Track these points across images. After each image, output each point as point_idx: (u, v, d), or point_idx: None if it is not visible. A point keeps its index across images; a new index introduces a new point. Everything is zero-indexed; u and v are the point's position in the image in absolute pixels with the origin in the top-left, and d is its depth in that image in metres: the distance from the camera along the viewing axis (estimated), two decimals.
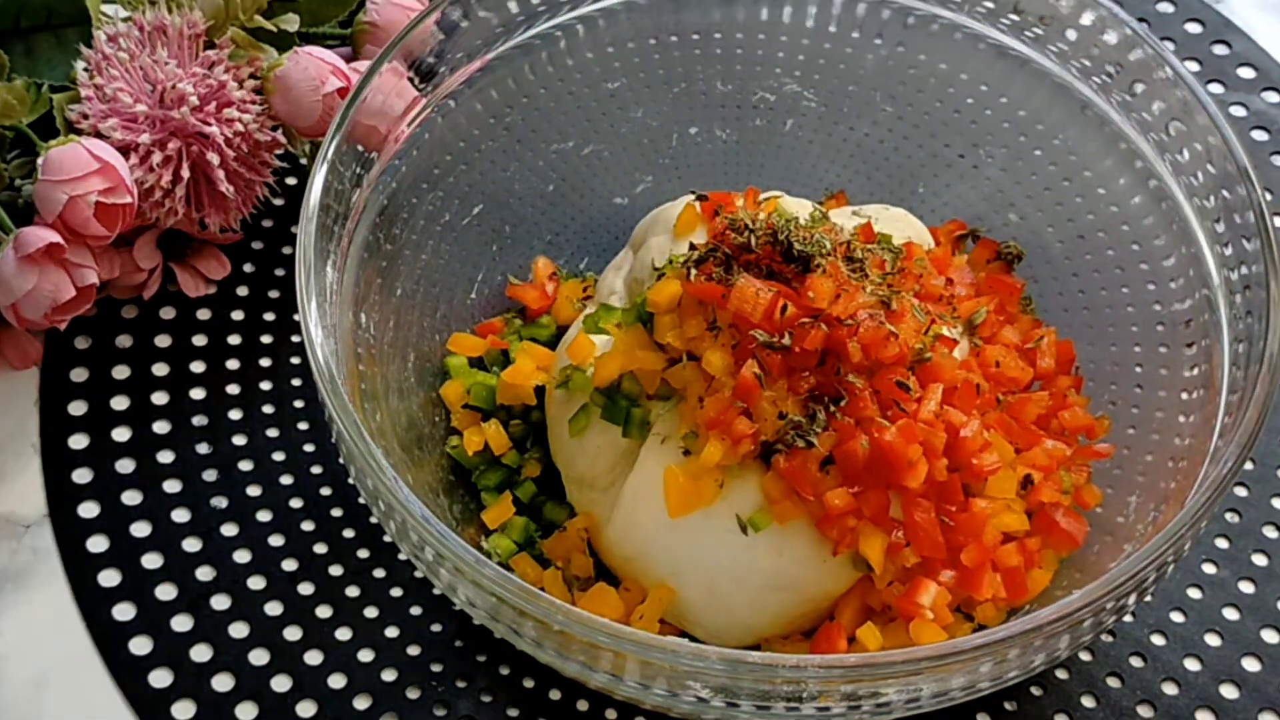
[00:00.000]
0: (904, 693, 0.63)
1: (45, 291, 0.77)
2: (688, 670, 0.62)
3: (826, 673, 0.62)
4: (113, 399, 0.81)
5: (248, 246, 0.87)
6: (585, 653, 0.63)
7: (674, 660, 0.62)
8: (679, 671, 0.62)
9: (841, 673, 0.62)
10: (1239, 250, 0.73)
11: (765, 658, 0.63)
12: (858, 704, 0.63)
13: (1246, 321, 0.71)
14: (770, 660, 0.62)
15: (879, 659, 0.62)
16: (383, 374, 0.76)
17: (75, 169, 0.76)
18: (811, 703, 0.63)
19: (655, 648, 0.62)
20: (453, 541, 0.64)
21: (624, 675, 0.64)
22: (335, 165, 0.73)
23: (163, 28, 0.80)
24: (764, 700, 0.63)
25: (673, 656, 0.62)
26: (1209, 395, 0.72)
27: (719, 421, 0.70)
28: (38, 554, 0.77)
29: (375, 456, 0.66)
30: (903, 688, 0.63)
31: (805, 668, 0.62)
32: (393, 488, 0.65)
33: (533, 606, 0.63)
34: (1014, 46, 0.82)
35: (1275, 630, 0.77)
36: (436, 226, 0.81)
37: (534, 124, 0.84)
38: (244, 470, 0.79)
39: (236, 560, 0.76)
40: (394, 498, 0.65)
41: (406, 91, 0.78)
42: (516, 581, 0.63)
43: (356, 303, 0.75)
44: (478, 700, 0.73)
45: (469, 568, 0.63)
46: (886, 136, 0.86)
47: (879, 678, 0.62)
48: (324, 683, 0.73)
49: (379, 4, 0.86)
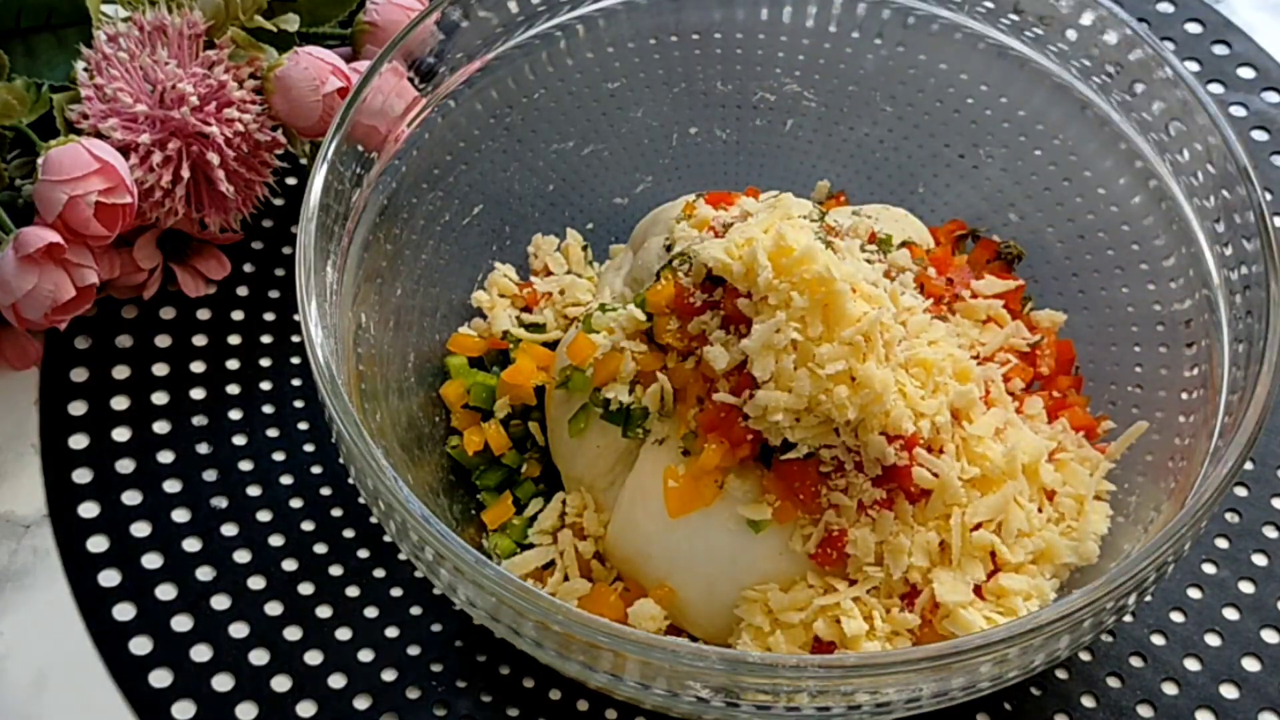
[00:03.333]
0: (904, 692, 0.63)
1: (45, 291, 0.77)
2: (687, 670, 0.62)
3: (826, 673, 0.62)
4: (113, 399, 0.81)
5: (248, 246, 0.87)
6: (585, 653, 0.63)
7: (674, 660, 0.62)
8: (679, 671, 0.62)
9: (841, 673, 0.62)
10: (1239, 250, 0.73)
11: (765, 657, 0.63)
12: (857, 705, 0.63)
13: (1246, 321, 0.71)
14: (770, 660, 0.62)
15: (879, 659, 0.62)
16: (383, 374, 0.76)
17: (75, 169, 0.76)
18: (812, 703, 0.63)
19: (655, 647, 0.62)
20: (453, 541, 0.64)
21: (624, 675, 0.64)
22: (335, 165, 0.73)
23: (163, 28, 0.80)
24: (766, 699, 0.63)
25: (672, 656, 0.62)
26: (1209, 395, 0.72)
27: (718, 423, 0.70)
28: (38, 554, 0.77)
29: (375, 456, 0.66)
30: (902, 687, 0.63)
31: (805, 667, 0.62)
32: (393, 488, 0.65)
33: (532, 607, 0.63)
34: (1014, 46, 0.82)
35: (1275, 630, 0.77)
36: (437, 226, 0.81)
37: (534, 124, 0.84)
38: (244, 470, 0.79)
39: (236, 560, 0.76)
40: (394, 498, 0.65)
41: (406, 91, 0.78)
42: (516, 581, 0.63)
43: (356, 303, 0.75)
44: (478, 700, 0.73)
45: (469, 568, 0.63)
46: (886, 136, 0.86)
47: (878, 677, 0.62)
48: (324, 683, 0.73)
49: (379, 4, 0.86)
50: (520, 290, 0.83)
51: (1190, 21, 0.99)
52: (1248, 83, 0.96)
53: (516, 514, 0.77)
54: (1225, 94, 0.95)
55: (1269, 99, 0.95)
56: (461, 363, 0.80)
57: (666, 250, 0.76)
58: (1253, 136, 0.94)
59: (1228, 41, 0.98)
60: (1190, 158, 0.76)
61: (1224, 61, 0.97)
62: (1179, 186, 0.77)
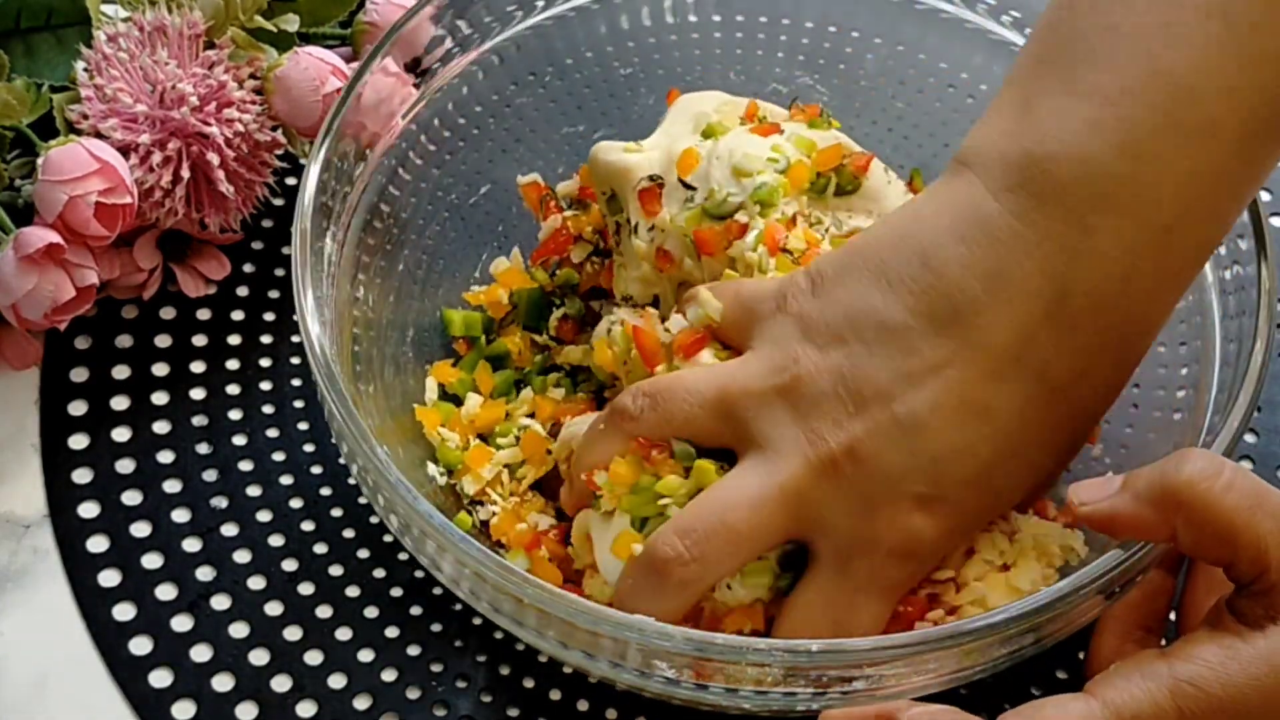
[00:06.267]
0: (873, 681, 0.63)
1: (45, 291, 0.77)
2: (655, 649, 0.61)
3: (793, 657, 0.61)
4: (113, 399, 0.81)
5: (248, 246, 0.87)
6: (563, 632, 0.63)
7: (641, 638, 0.61)
8: (648, 650, 0.62)
9: (836, 656, 0.61)
10: (1232, 249, 0.72)
11: (733, 640, 0.62)
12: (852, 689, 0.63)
13: (1239, 321, 0.71)
14: (737, 644, 0.62)
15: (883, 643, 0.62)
16: (379, 346, 0.76)
17: (75, 169, 0.76)
18: (837, 688, 0.62)
19: (626, 625, 0.62)
20: (426, 509, 0.64)
21: (626, 662, 0.63)
22: (336, 142, 0.73)
23: (163, 28, 0.80)
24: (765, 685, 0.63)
25: (638, 634, 0.61)
26: (1198, 396, 0.72)
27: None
28: (38, 554, 0.77)
29: (357, 423, 0.66)
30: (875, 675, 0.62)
31: (772, 651, 0.61)
32: (383, 467, 0.65)
33: (507, 581, 0.63)
34: (1015, 44, 0.82)
35: None
36: (443, 206, 0.81)
37: (544, 108, 0.84)
38: (244, 470, 0.79)
39: (236, 560, 0.76)
40: (371, 460, 0.65)
41: (405, 85, 0.78)
42: (494, 557, 0.63)
43: (354, 280, 0.75)
44: (478, 700, 0.73)
45: (437, 534, 0.64)
46: (885, 136, 0.86)
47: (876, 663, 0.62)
48: (324, 683, 0.73)
49: (379, 4, 0.86)
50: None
51: None
52: None
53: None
54: None
55: None
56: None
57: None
58: None
59: None
60: None
61: None
62: None
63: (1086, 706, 0.59)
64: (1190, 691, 0.58)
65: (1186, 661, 0.59)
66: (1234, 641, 0.59)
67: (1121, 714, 0.58)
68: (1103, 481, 0.63)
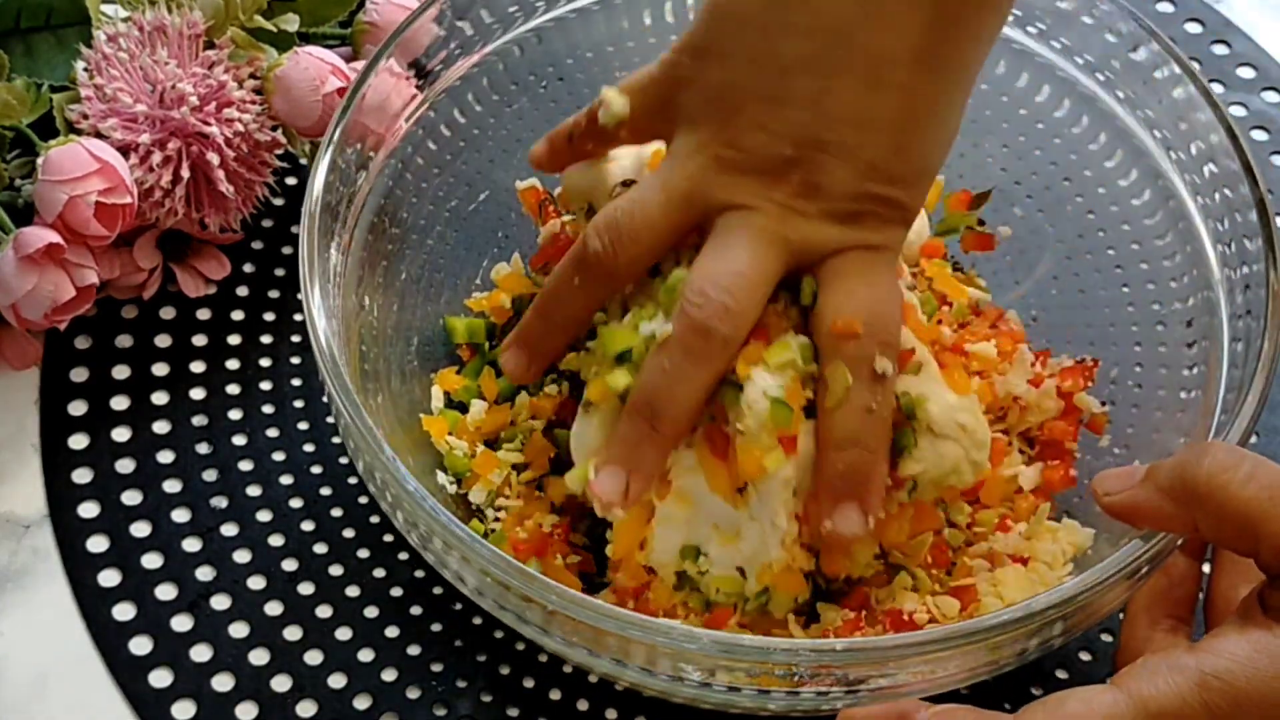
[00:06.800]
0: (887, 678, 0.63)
1: (45, 291, 0.77)
2: (680, 652, 0.61)
3: (818, 656, 0.61)
4: (113, 399, 0.81)
5: (248, 246, 0.87)
6: (570, 630, 0.63)
7: (667, 642, 0.61)
8: (671, 653, 0.62)
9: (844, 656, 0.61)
10: (1240, 249, 0.73)
11: (759, 641, 0.62)
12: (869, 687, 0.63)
13: (1246, 321, 0.71)
14: (763, 644, 0.62)
15: (881, 643, 0.62)
16: (384, 356, 0.76)
17: (75, 169, 0.76)
18: (840, 690, 0.62)
19: (654, 629, 0.62)
20: (440, 512, 0.64)
21: (629, 661, 0.63)
22: (341, 147, 0.73)
23: (163, 28, 0.80)
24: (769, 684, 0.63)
25: (665, 638, 0.61)
26: (1205, 396, 0.72)
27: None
28: (38, 554, 0.77)
29: (371, 430, 0.66)
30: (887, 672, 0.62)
31: (798, 651, 0.61)
32: (386, 462, 0.65)
33: (521, 583, 0.63)
34: (1017, 40, 0.82)
35: None
36: (445, 212, 0.81)
37: (545, 109, 0.84)
38: (244, 470, 0.79)
39: (236, 560, 0.76)
40: (378, 459, 0.65)
41: (408, 88, 0.78)
42: (504, 558, 0.63)
43: (359, 290, 0.75)
44: (478, 700, 0.73)
45: (453, 539, 0.64)
46: None
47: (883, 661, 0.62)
48: (324, 683, 0.73)
49: (379, 4, 0.86)
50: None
51: (1190, 21, 0.99)
52: (1247, 83, 0.96)
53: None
54: (1225, 94, 0.95)
55: (1269, 99, 0.95)
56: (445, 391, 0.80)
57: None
58: (1252, 136, 0.94)
59: (1228, 41, 0.98)
60: (1195, 155, 0.76)
61: (1224, 61, 0.97)
62: (1184, 184, 0.77)
63: (1113, 698, 0.59)
64: (1217, 686, 0.58)
65: (1214, 656, 0.59)
66: (1262, 636, 0.59)
67: (1148, 707, 0.58)
68: (1126, 472, 0.64)
